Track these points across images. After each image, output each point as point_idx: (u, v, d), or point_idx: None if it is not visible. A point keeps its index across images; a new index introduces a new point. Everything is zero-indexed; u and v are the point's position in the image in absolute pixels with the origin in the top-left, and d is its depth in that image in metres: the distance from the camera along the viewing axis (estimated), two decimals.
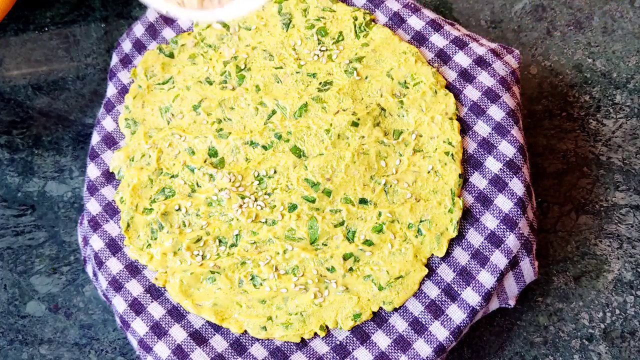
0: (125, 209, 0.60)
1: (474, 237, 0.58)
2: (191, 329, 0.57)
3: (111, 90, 0.65)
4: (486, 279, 0.57)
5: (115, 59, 0.66)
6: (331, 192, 0.59)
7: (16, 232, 0.65)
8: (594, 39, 0.69)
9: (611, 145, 0.66)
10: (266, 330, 0.56)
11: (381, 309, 0.57)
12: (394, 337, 0.56)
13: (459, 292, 0.57)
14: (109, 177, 0.62)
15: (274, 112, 0.61)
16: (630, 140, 0.66)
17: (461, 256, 0.58)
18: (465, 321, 0.56)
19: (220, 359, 0.56)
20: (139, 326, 0.57)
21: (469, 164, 0.60)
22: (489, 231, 0.58)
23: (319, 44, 0.63)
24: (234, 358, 0.56)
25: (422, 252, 0.58)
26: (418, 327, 0.56)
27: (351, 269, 0.57)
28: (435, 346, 0.56)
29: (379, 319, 0.57)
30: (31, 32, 0.72)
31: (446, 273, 0.57)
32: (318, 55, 0.63)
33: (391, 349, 0.56)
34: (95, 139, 0.63)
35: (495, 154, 0.60)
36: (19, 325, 0.63)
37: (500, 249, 0.57)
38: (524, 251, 0.58)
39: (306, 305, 0.57)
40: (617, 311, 0.61)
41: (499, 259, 0.57)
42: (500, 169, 0.59)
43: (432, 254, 0.58)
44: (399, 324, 0.57)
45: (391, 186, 0.59)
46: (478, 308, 0.56)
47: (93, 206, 0.61)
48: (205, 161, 0.60)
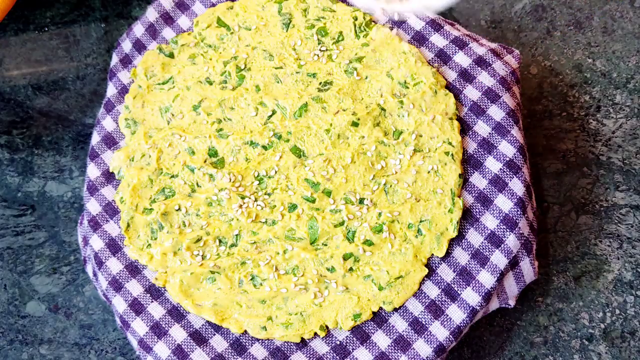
0: (125, 209, 0.60)
1: (474, 237, 0.58)
2: (191, 329, 0.57)
3: (111, 90, 0.65)
4: (486, 279, 0.57)
5: (115, 59, 0.66)
6: (331, 192, 0.59)
7: (16, 232, 0.65)
8: (594, 39, 0.69)
9: (611, 145, 0.66)
10: (266, 330, 0.56)
11: (381, 309, 0.57)
12: (394, 337, 0.56)
13: (459, 292, 0.57)
14: (109, 177, 0.62)
15: (274, 112, 0.61)
16: (630, 140, 0.66)
17: (461, 256, 0.58)
18: (465, 321, 0.56)
19: (220, 359, 0.56)
20: (139, 326, 0.57)
21: (469, 164, 0.60)
22: (489, 231, 0.58)
23: (319, 44, 0.63)
24: (234, 358, 0.56)
25: (422, 252, 0.58)
26: (418, 327, 0.56)
27: (351, 269, 0.57)
28: (435, 346, 0.56)
29: (379, 319, 0.57)
30: (31, 32, 0.72)
31: (446, 273, 0.57)
32: (318, 55, 0.63)
33: (391, 349, 0.56)
34: (95, 139, 0.63)
35: (495, 154, 0.60)
36: (19, 325, 0.63)
37: (500, 249, 0.57)
38: (524, 251, 0.58)
39: (306, 305, 0.57)
40: (617, 311, 0.61)
41: (499, 259, 0.57)
42: (500, 169, 0.59)
43: (432, 254, 0.58)
44: (399, 324, 0.56)
45: (391, 186, 0.59)
46: (478, 308, 0.56)
47: (93, 206, 0.61)
48: (205, 161, 0.60)
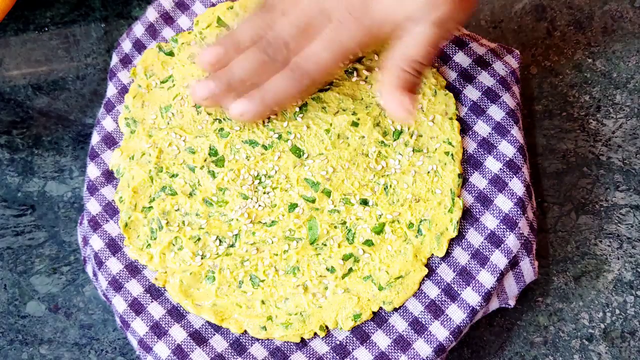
0: (124, 209, 0.59)
1: (474, 237, 0.58)
2: (191, 329, 0.57)
3: (111, 90, 0.65)
4: (486, 279, 0.57)
5: (115, 59, 0.66)
6: (331, 192, 0.59)
7: (16, 232, 0.65)
8: (594, 39, 0.69)
9: (611, 145, 0.66)
10: (266, 330, 0.56)
11: (381, 309, 0.57)
12: (394, 337, 0.56)
13: (459, 292, 0.57)
14: (109, 177, 0.62)
15: None
16: (630, 140, 0.66)
17: (461, 256, 0.58)
18: (465, 321, 0.56)
19: (220, 359, 0.56)
20: (139, 326, 0.57)
21: (469, 164, 0.60)
22: (489, 231, 0.58)
23: None
24: (234, 358, 0.56)
25: (422, 252, 0.58)
26: (418, 327, 0.56)
27: (351, 269, 0.57)
28: (435, 346, 0.56)
29: (379, 319, 0.57)
30: (31, 32, 0.72)
31: (446, 273, 0.57)
32: None
33: (391, 349, 0.56)
34: (95, 139, 0.63)
35: (495, 153, 0.59)
36: (19, 325, 0.63)
37: (500, 249, 0.57)
38: (524, 251, 0.58)
39: (306, 305, 0.57)
40: (617, 311, 0.61)
41: (499, 259, 0.57)
42: (500, 168, 0.59)
43: (432, 254, 0.58)
44: (399, 324, 0.56)
45: (391, 186, 0.59)
46: (478, 308, 0.56)
47: (93, 206, 0.61)
48: (205, 160, 0.60)
